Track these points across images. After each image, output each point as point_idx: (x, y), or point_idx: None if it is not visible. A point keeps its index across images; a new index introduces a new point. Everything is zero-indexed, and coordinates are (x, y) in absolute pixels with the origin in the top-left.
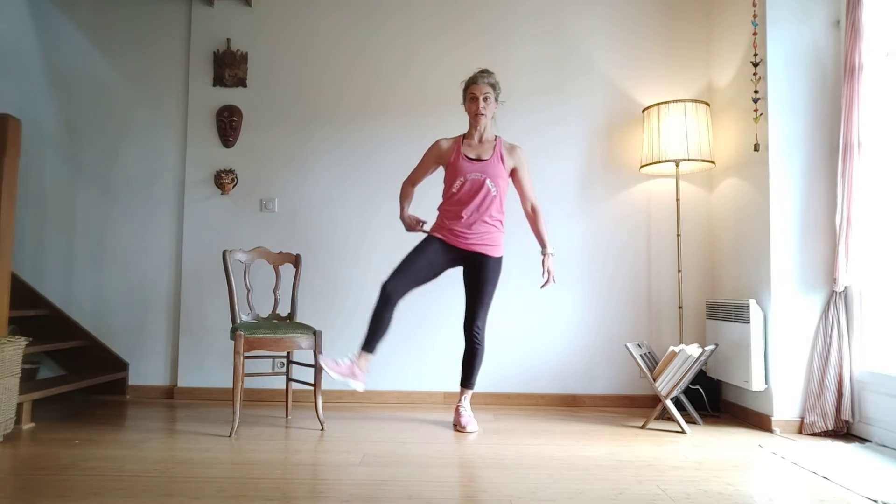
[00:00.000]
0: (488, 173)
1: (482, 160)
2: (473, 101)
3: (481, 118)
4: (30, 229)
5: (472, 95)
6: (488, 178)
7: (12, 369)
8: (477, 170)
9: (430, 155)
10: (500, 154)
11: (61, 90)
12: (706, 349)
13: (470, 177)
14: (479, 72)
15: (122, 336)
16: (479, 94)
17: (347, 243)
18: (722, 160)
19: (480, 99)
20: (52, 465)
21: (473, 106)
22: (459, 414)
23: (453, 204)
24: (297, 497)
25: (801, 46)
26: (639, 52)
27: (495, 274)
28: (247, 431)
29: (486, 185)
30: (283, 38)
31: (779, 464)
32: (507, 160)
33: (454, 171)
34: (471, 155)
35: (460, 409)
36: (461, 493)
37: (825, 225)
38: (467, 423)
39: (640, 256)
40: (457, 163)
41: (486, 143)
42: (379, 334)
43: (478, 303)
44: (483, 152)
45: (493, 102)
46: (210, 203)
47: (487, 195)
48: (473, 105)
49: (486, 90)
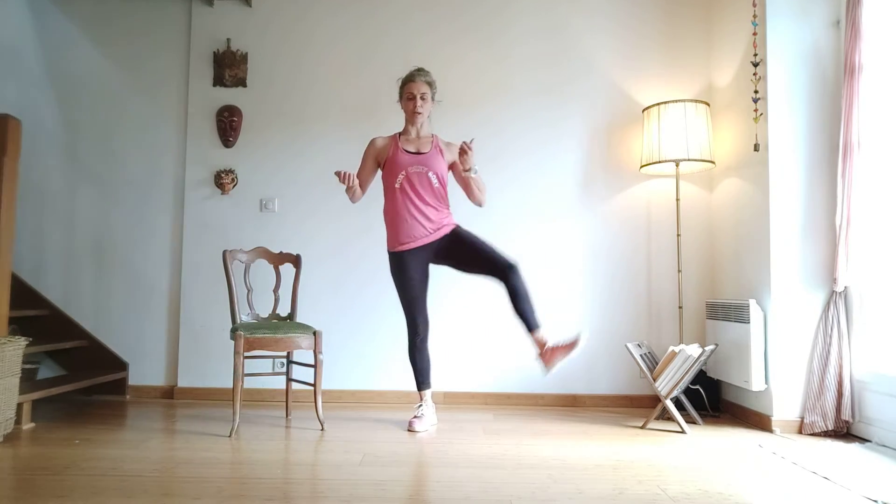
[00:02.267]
0: (429, 165)
1: (422, 153)
2: (411, 99)
3: (418, 116)
4: (30, 229)
5: (410, 94)
6: (430, 170)
7: (12, 369)
8: (418, 162)
9: (368, 154)
10: (438, 147)
11: (61, 90)
12: (706, 349)
13: (411, 170)
14: (416, 70)
15: (122, 336)
16: (416, 92)
17: (347, 243)
18: (722, 160)
19: (418, 97)
20: (52, 465)
21: (411, 104)
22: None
23: (399, 202)
24: (297, 497)
25: (801, 46)
26: (639, 51)
27: (468, 233)
28: (247, 431)
29: (429, 178)
30: (283, 38)
31: (779, 464)
32: (446, 154)
33: (394, 166)
34: (410, 149)
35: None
36: (461, 493)
37: (825, 225)
38: (574, 335)
39: (640, 256)
40: (395, 157)
41: (423, 138)
42: (426, 370)
43: (487, 253)
44: (422, 146)
45: (430, 101)
46: (210, 203)
47: (430, 187)
48: (411, 103)
49: (422, 89)
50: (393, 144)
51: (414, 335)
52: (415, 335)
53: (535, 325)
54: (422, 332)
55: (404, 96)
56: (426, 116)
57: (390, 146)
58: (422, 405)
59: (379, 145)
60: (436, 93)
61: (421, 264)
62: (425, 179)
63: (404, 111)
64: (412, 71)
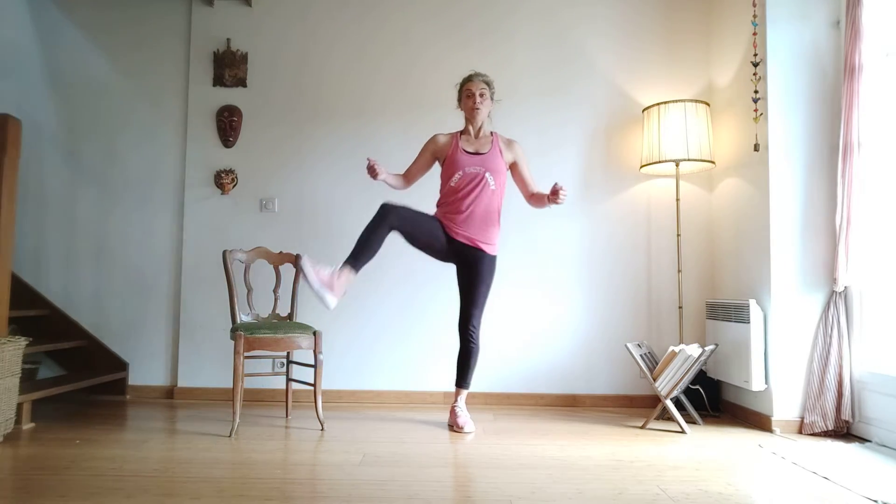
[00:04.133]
0: (487, 166)
1: (481, 154)
2: (470, 97)
3: (478, 112)
4: (30, 229)
5: (469, 92)
6: (488, 171)
7: (12, 369)
8: (476, 163)
9: (427, 149)
10: (498, 148)
11: (61, 90)
12: (706, 349)
13: (469, 170)
14: (473, 72)
15: (122, 336)
16: (475, 89)
17: (347, 242)
18: (722, 160)
19: (477, 94)
20: (52, 465)
21: (470, 101)
22: (456, 414)
23: (451, 199)
24: (297, 497)
25: (801, 46)
26: (639, 52)
27: (489, 273)
28: (247, 431)
29: (486, 179)
30: (283, 38)
31: (779, 464)
32: (505, 154)
33: (452, 165)
34: (469, 149)
35: (456, 410)
36: (461, 493)
37: (825, 225)
38: (464, 423)
39: (640, 256)
40: (455, 156)
41: (483, 138)
42: (366, 253)
43: (472, 303)
44: (481, 146)
45: (489, 99)
46: (210, 203)
47: (486, 189)
48: (470, 101)
49: (481, 87)
50: (453, 143)
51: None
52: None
53: (464, 384)
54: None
55: (463, 95)
56: (485, 114)
57: (450, 145)
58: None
59: (440, 142)
60: (494, 92)
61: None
62: (482, 180)
63: (464, 111)
64: (469, 73)
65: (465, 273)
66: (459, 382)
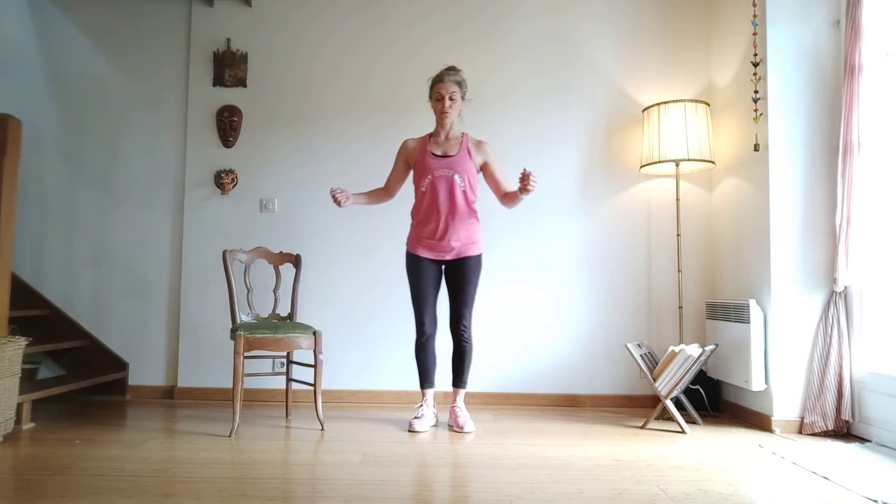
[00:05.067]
0: (455, 169)
1: (449, 156)
2: (439, 100)
3: (447, 116)
4: (30, 229)
5: (438, 94)
6: (456, 173)
7: (12, 369)
8: (444, 166)
9: (399, 156)
10: (467, 149)
11: (61, 90)
12: (706, 349)
13: (438, 174)
14: (446, 70)
15: (122, 336)
16: (444, 92)
17: (347, 243)
18: (722, 160)
19: (446, 98)
20: (53, 465)
21: (439, 105)
22: (455, 414)
23: (424, 207)
24: (297, 497)
25: (801, 46)
26: (639, 52)
27: (476, 272)
28: (247, 431)
29: (455, 181)
30: (284, 38)
31: (779, 464)
32: (475, 155)
33: (421, 170)
34: (437, 152)
35: (456, 410)
36: (461, 493)
37: (825, 225)
38: (465, 423)
39: (640, 256)
40: (423, 160)
41: (452, 139)
42: (432, 369)
43: (462, 302)
44: (449, 149)
45: (459, 101)
46: (210, 203)
47: (456, 191)
48: (439, 104)
49: (451, 88)
50: (422, 147)
51: (420, 333)
52: (421, 333)
53: (461, 383)
54: (429, 330)
55: (433, 96)
56: (455, 117)
57: (419, 149)
58: (422, 405)
59: (409, 147)
60: (466, 91)
61: (434, 269)
62: (452, 184)
63: (433, 111)
64: (441, 70)
65: (454, 276)
66: (457, 382)
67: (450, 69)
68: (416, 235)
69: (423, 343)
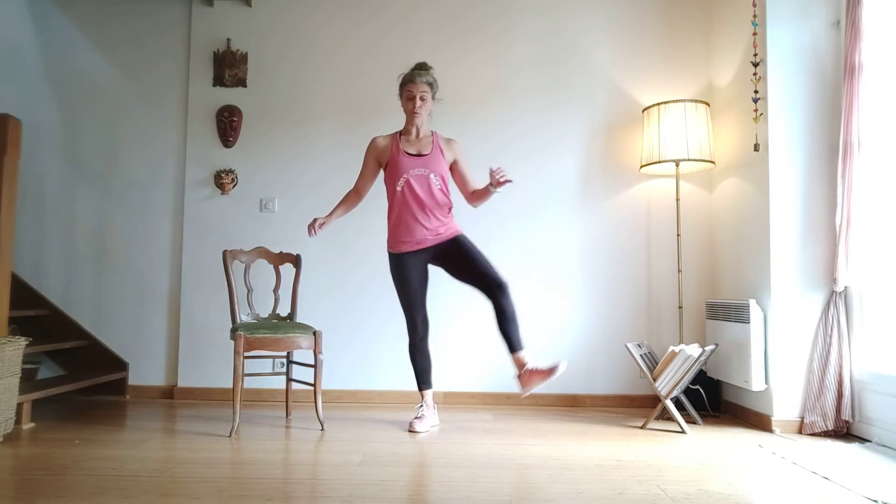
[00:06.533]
0: (431, 168)
1: (423, 155)
2: (410, 99)
3: (418, 116)
4: (30, 229)
5: (410, 94)
6: (432, 172)
7: (12, 369)
8: (419, 165)
9: (370, 155)
10: (439, 148)
11: (61, 90)
12: (706, 349)
13: (413, 173)
14: (417, 69)
15: (122, 336)
16: (416, 92)
17: (348, 243)
18: (722, 160)
19: (417, 98)
20: (53, 465)
21: (410, 104)
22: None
23: (400, 205)
24: (297, 497)
25: (801, 46)
26: (639, 51)
27: (469, 243)
28: (247, 431)
29: (431, 179)
30: (283, 38)
31: (779, 464)
32: (446, 153)
33: (395, 169)
34: (411, 151)
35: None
36: (461, 493)
37: (825, 225)
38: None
39: (640, 256)
40: (397, 159)
41: (423, 138)
42: (428, 369)
43: (482, 267)
44: (423, 147)
45: (430, 100)
46: (210, 203)
47: (434, 189)
48: (410, 104)
49: (422, 89)
50: (394, 145)
51: (413, 335)
52: (414, 335)
53: (518, 346)
54: (420, 331)
55: (404, 96)
56: (426, 116)
57: (391, 147)
58: (422, 405)
59: (380, 146)
60: (437, 91)
61: (420, 265)
62: (427, 182)
63: (404, 110)
64: (412, 69)
65: (453, 259)
66: (514, 346)
67: (420, 67)
68: (394, 235)
69: (417, 345)
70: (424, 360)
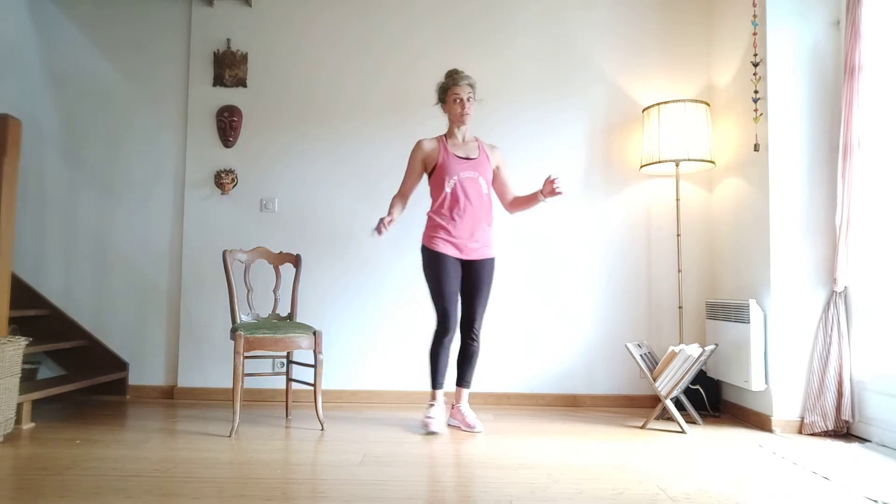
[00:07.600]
0: (480, 171)
1: (471, 158)
2: (459, 102)
3: (466, 118)
4: (30, 229)
5: (457, 97)
6: (481, 176)
7: (12, 369)
8: (469, 168)
9: (416, 158)
10: (485, 153)
11: (61, 90)
12: (706, 349)
13: (464, 175)
14: (455, 73)
15: (122, 336)
16: (464, 94)
17: (347, 243)
18: (722, 160)
19: (465, 99)
20: (53, 465)
21: (459, 107)
22: (463, 414)
23: (447, 207)
24: (297, 497)
25: (801, 46)
26: (639, 51)
27: (492, 274)
28: (247, 431)
29: (480, 184)
30: (284, 38)
31: (779, 464)
32: (491, 159)
33: (444, 171)
34: (460, 154)
35: (462, 410)
36: (461, 493)
37: (825, 225)
38: (474, 423)
39: (640, 256)
40: (447, 162)
41: (469, 142)
42: (445, 370)
43: (478, 304)
44: (470, 151)
45: (474, 101)
46: (210, 203)
47: (482, 194)
48: (459, 106)
49: (468, 91)
50: (441, 148)
51: (443, 331)
52: (444, 332)
53: (465, 384)
54: (451, 328)
55: (449, 100)
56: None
57: (439, 149)
58: (433, 405)
59: (426, 148)
60: (476, 91)
61: (458, 268)
62: (477, 185)
63: (449, 115)
64: (452, 74)
65: (474, 277)
66: (463, 383)
67: (459, 72)
68: (440, 233)
69: (445, 343)
70: (444, 360)
